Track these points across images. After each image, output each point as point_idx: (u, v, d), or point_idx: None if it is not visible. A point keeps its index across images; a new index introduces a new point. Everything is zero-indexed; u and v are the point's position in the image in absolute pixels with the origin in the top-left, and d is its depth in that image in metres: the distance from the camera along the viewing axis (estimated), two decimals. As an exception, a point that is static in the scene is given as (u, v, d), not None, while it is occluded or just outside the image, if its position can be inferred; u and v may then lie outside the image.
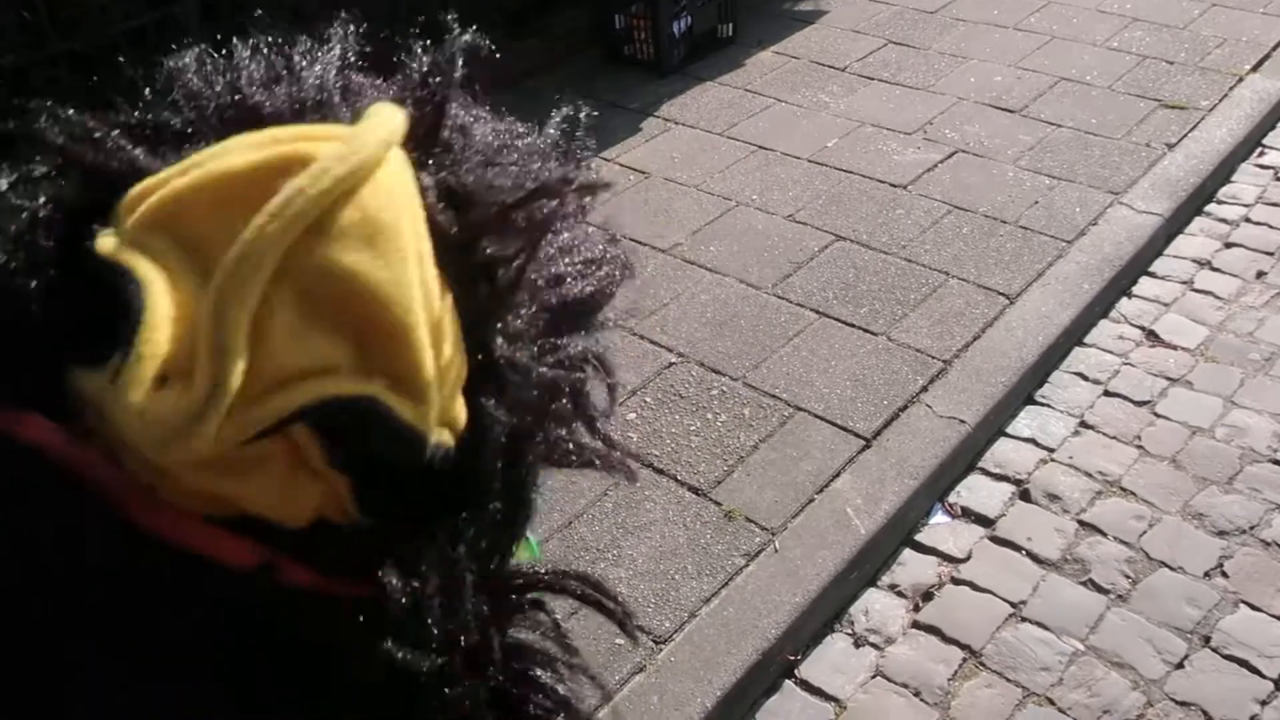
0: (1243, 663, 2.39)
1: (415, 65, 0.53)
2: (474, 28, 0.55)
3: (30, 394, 0.43)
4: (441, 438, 0.45)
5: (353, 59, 0.53)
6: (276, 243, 0.40)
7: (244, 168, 0.42)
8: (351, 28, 0.55)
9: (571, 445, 0.54)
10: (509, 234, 0.49)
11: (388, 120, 0.45)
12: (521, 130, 0.56)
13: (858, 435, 2.92)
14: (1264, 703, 2.31)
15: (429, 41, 0.54)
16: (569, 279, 0.53)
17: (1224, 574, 2.58)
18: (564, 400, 0.53)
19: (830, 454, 2.87)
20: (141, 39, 3.90)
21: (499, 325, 0.48)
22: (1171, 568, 2.61)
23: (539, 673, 0.55)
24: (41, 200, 0.47)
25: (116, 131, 0.47)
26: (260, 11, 4.12)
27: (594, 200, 0.56)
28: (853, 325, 3.32)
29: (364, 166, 0.43)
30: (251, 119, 0.48)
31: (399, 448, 0.43)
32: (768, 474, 2.83)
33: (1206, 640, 2.45)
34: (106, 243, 0.42)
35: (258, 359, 0.40)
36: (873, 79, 4.75)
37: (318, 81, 0.50)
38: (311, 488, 0.44)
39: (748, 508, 2.74)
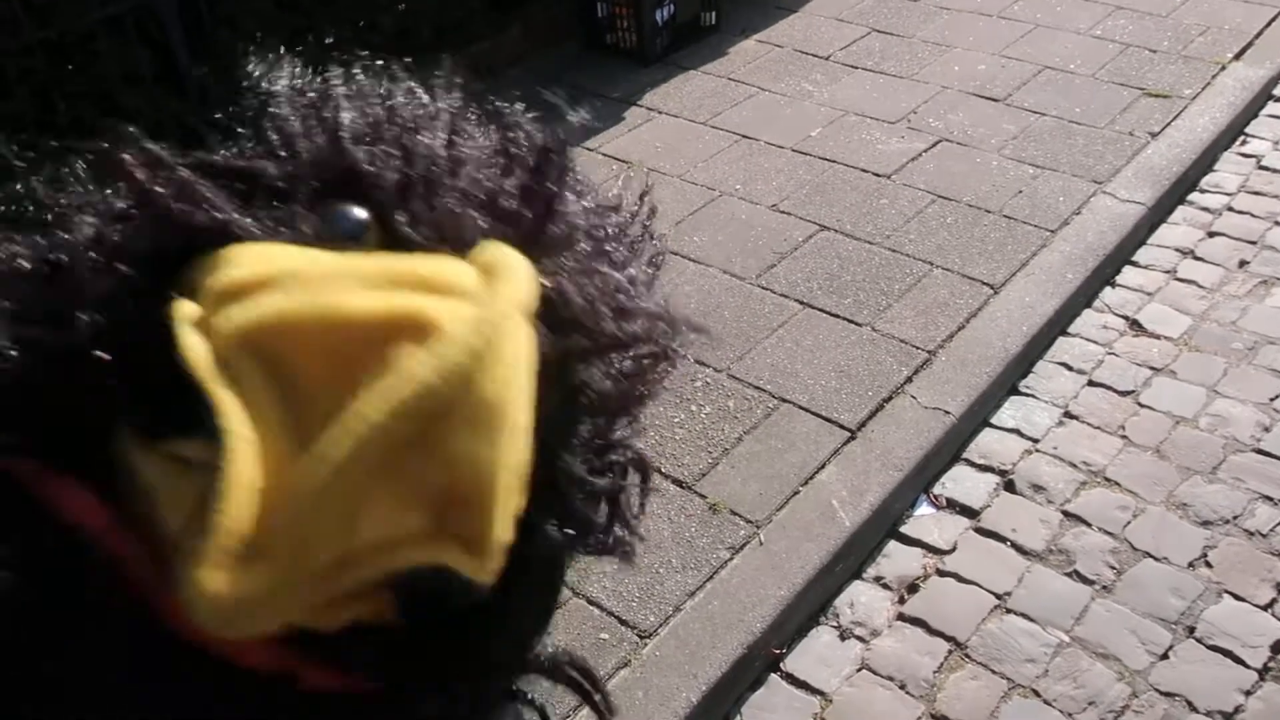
0: (1227, 653, 2.39)
1: (526, 146, 0.49)
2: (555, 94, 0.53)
3: (74, 455, 0.41)
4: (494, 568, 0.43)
5: (460, 125, 0.49)
6: (391, 437, 0.37)
7: (360, 316, 0.39)
8: (456, 79, 0.51)
9: (605, 543, 0.52)
10: (602, 365, 0.47)
11: (519, 285, 0.42)
12: (608, 211, 0.52)
13: (842, 427, 2.91)
14: (1248, 693, 2.32)
15: (527, 108, 0.51)
16: (633, 379, 0.49)
17: (1208, 564, 2.59)
18: (611, 504, 0.51)
19: (815, 446, 2.86)
20: (119, 27, 3.85)
21: (571, 441, 0.46)
22: (1156, 558, 2.61)
23: None
24: (127, 253, 0.43)
25: (206, 180, 0.44)
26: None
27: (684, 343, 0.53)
28: (837, 316, 3.30)
29: (490, 349, 0.39)
30: (350, 182, 0.44)
31: (455, 596, 0.42)
32: (752, 466, 2.82)
33: (1191, 630, 2.45)
34: (197, 353, 0.39)
35: (347, 534, 0.38)
36: (856, 68, 4.73)
37: (426, 153, 0.46)
38: (357, 606, 0.42)
39: (732, 500, 2.73)
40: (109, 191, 0.46)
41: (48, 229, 0.45)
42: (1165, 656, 2.40)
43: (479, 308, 0.40)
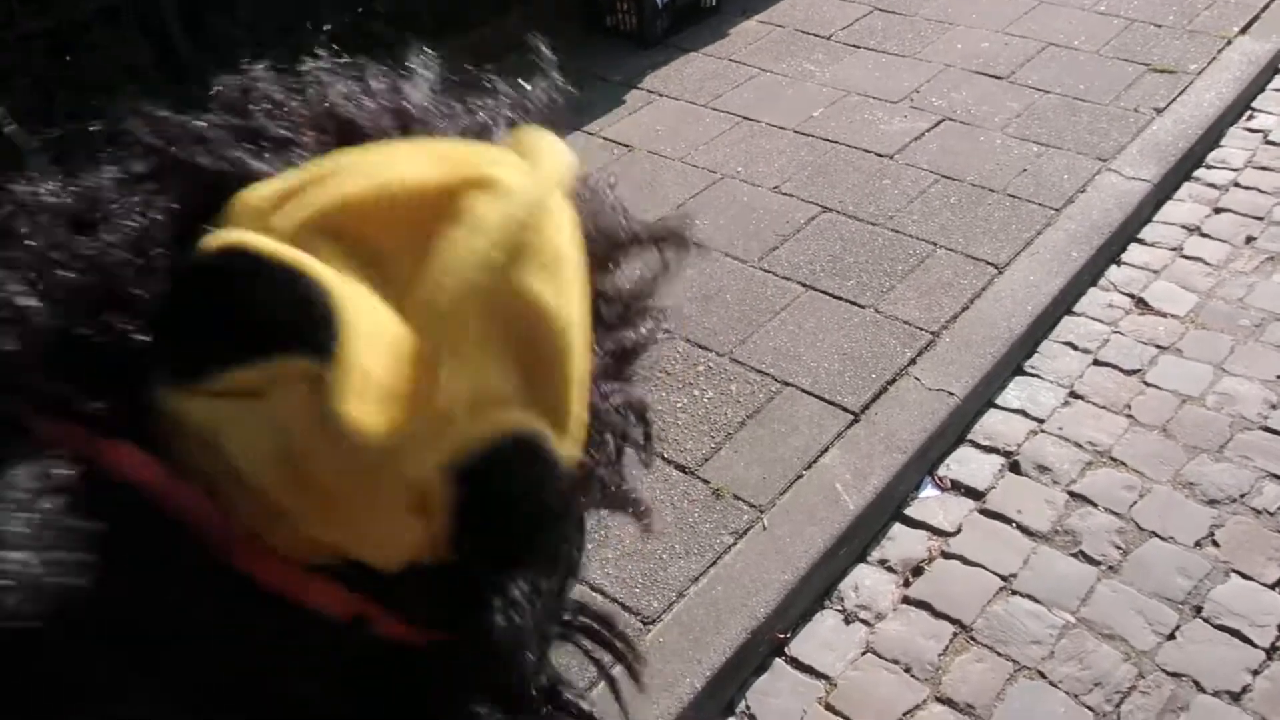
0: (1234, 632, 2.38)
1: (506, 95, 0.52)
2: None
3: (117, 418, 0.39)
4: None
5: (441, 85, 0.52)
6: (491, 264, 0.39)
7: (427, 183, 0.41)
8: (432, 57, 0.53)
9: (617, 489, 0.53)
10: (613, 273, 0.50)
11: (561, 151, 0.45)
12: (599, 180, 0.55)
13: (846, 409, 2.90)
14: (1256, 672, 2.30)
15: (516, 77, 0.54)
16: (631, 324, 0.52)
17: (1215, 543, 2.57)
18: (620, 444, 0.52)
19: (818, 429, 2.85)
20: (115, 18, 3.83)
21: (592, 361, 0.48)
22: (1162, 538, 2.59)
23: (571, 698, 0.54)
24: (152, 201, 0.43)
25: (220, 131, 0.45)
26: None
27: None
28: (840, 298, 3.28)
29: (550, 195, 0.42)
30: (350, 133, 0.46)
31: (546, 483, 0.42)
32: (755, 450, 2.80)
33: (1198, 610, 2.43)
34: (263, 241, 0.39)
35: (462, 384, 0.39)
36: (858, 47, 4.69)
37: (416, 99, 0.49)
38: (416, 529, 0.41)
39: (735, 485, 2.71)
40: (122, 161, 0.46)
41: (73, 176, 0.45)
42: (1172, 637, 2.39)
43: (535, 168, 0.43)
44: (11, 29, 3.57)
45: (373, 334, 0.38)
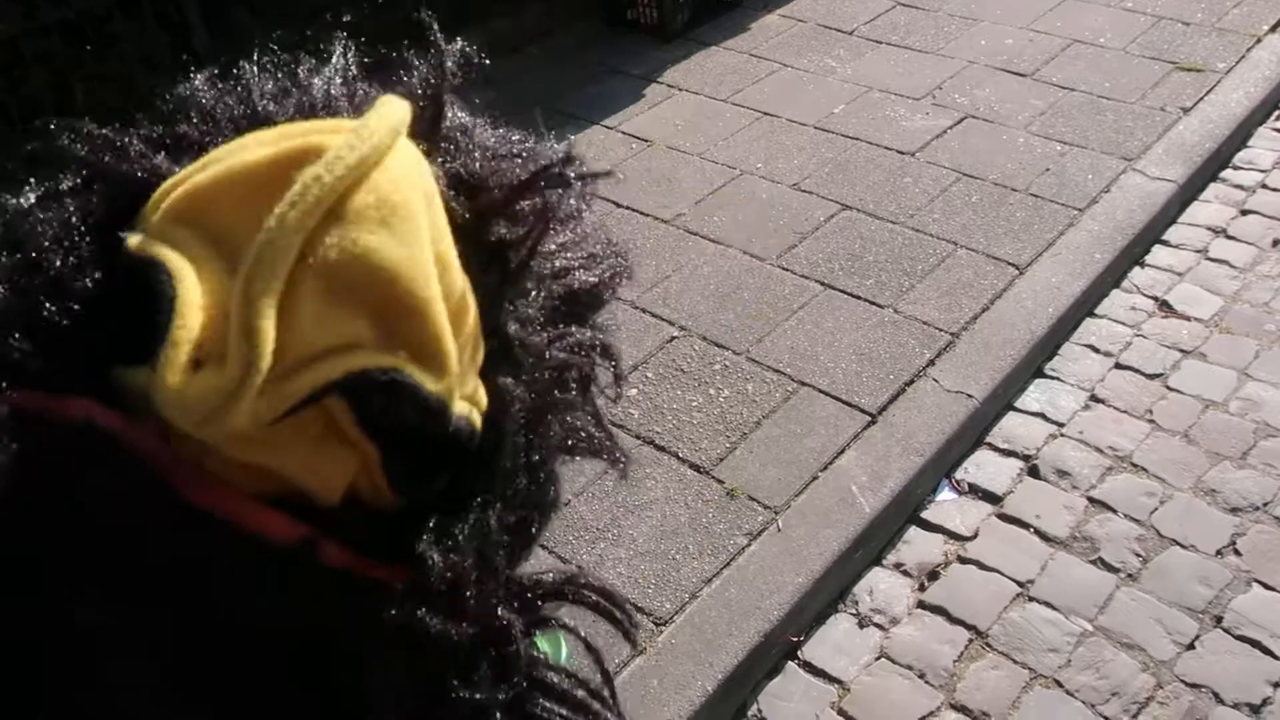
0: (1255, 643, 2.34)
1: (414, 71, 0.55)
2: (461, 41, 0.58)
3: (79, 391, 0.44)
4: (465, 411, 0.48)
5: (355, 71, 0.56)
6: (298, 228, 0.42)
7: (261, 160, 0.45)
8: (350, 44, 0.57)
9: (582, 432, 0.56)
10: (518, 219, 0.52)
11: (395, 110, 0.48)
12: (517, 134, 0.58)
13: (863, 411, 2.87)
14: (1276, 684, 2.26)
15: (425, 52, 0.57)
16: (575, 270, 0.55)
17: (1236, 552, 2.53)
18: (574, 385, 0.55)
19: (835, 430, 2.82)
20: (135, 9, 3.83)
21: (511, 308, 0.51)
22: (1183, 546, 2.56)
23: (554, 679, 0.56)
24: (72, 208, 0.48)
25: (138, 142, 0.50)
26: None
27: (593, 191, 0.59)
28: (858, 297, 3.25)
29: (375, 152, 0.45)
30: (265, 128, 0.50)
31: (424, 416, 0.45)
32: (771, 451, 2.78)
33: (1218, 620, 2.40)
34: (134, 239, 0.45)
35: (286, 339, 0.42)
36: (881, 42, 4.65)
37: (325, 89, 0.53)
38: (345, 455, 0.45)
39: (750, 486, 2.69)
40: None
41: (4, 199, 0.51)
42: (1191, 647, 2.35)
43: (359, 130, 0.46)
44: (33, 20, 3.58)
45: (198, 305, 0.42)
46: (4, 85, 3.56)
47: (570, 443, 0.56)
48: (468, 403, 0.48)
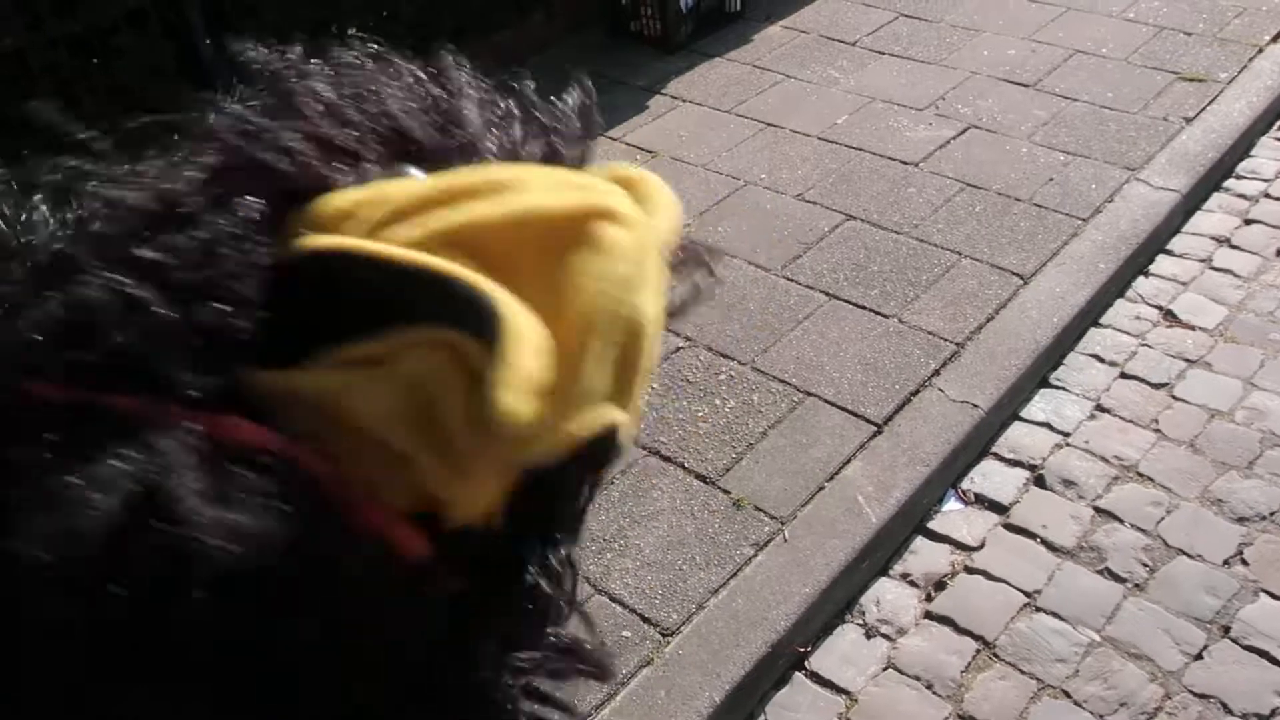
0: (1263, 654, 2.34)
1: (562, 114, 0.56)
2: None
3: (223, 398, 0.43)
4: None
5: (487, 97, 0.55)
6: (627, 285, 0.45)
7: (553, 210, 0.46)
8: (465, 63, 0.57)
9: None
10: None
11: (672, 204, 0.52)
12: None
13: (868, 421, 2.87)
14: (1285, 694, 2.26)
15: (539, 84, 0.57)
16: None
17: (1244, 562, 2.53)
18: None
19: (841, 440, 2.82)
20: (142, 21, 3.85)
21: None
22: (1190, 555, 2.56)
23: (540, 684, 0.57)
24: (247, 201, 0.45)
25: (297, 137, 0.47)
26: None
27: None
28: (863, 307, 3.26)
29: (657, 238, 0.49)
30: (409, 146, 0.49)
31: (612, 463, 0.49)
32: (777, 461, 2.78)
33: (1226, 630, 2.39)
34: (385, 248, 0.43)
35: (592, 389, 0.45)
36: (883, 53, 4.66)
37: (471, 117, 0.52)
38: (495, 492, 0.46)
39: (757, 496, 2.69)
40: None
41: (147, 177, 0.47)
42: (1199, 657, 2.35)
43: (648, 207, 0.50)
44: (40, 32, 3.59)
45: (528, 335, 0.42)
46: (10, 98, 3.58)
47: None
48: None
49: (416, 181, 0.47)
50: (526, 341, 0.42)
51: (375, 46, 0.55)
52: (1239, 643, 2.37)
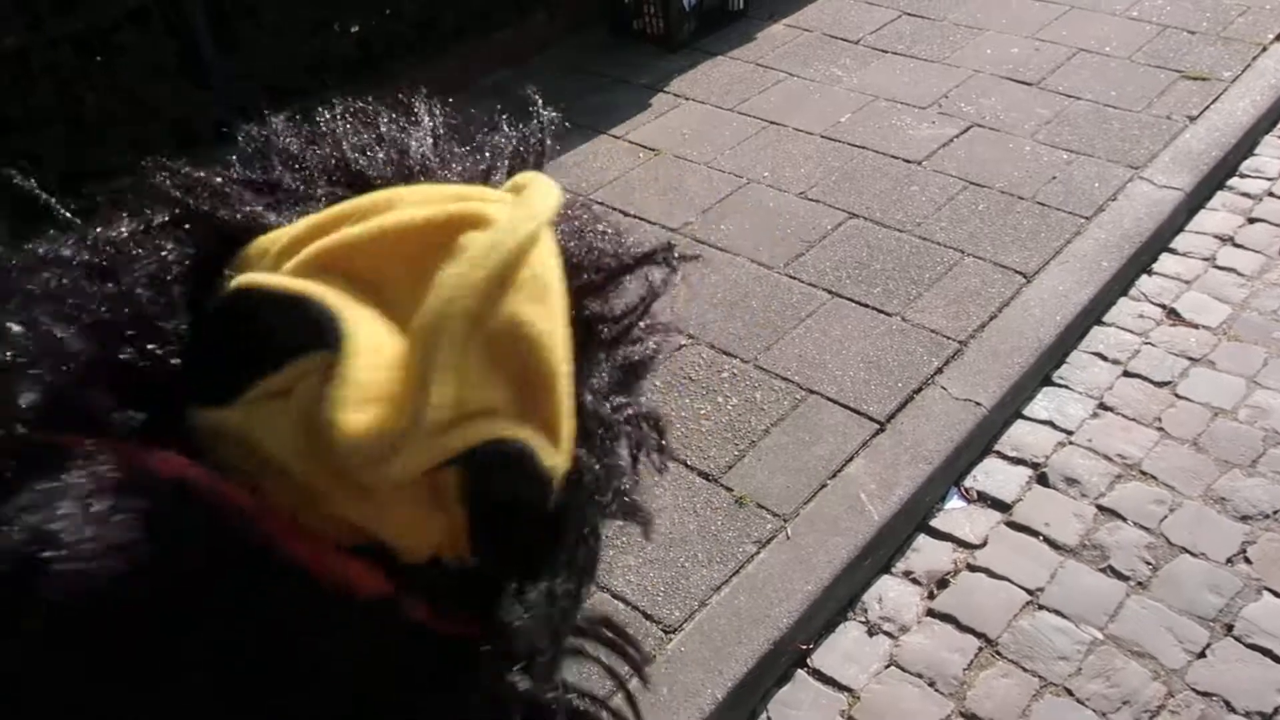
0: (1266, 652, 2.34)
1: (506, 140, 0.57)
2: (547, 108, 0.60)
3: (157, 434, 0.44)
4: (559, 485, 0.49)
5: (443, 131, 0.56)
6: (482, 292, 0.43)
7: (422, 221, 0.45)
8: (435, 102, 0.58)
9: (625, 498, 0.56)
10: (608, 297, 0.53)
11: (550, 190, 0.49)
12: (595, 210, 0.59)
13: (871, 418, 2.87)
14: (1288, 693, 2.26)
15: (509, 116, 0.59)
16: (639, 341, 0.56)
17: (1247, 560, 2.52)
18: (631, 455, 0.56)
19: (843, 438, 2.82)
20: (144, 19, 3.85)
21: (591, 380, 0.52)
22: (1193, 554, 2.55)
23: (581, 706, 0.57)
24: (170, 247, 0.48)
25: (239, 188, 0.50)
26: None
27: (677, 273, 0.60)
28: (866, 305, 3.25)
29: (539, 230, 0.46)
30: (360, 183, 0.51)
31: (533, 490, 0.46)
32: (779, 459, 2.78)
33: (1229, 628, 2.39)
34: (269, 278, 0.44)
35: (450, 396, 0.42)
36: (886, 52, 4.66)
37: (421, 150, 0.54)
38: (439, 522, 0.45)
39: (759, 493, 2.69)
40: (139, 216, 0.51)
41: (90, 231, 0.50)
42: (1202, 655, 2.35)
43: (525, 205, 0.47)
44: (41, 32, 3.59)
45: (370, 347, 0.42)
46: (11, 98, 3.57)
47: (618, 509, 0.56)
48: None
49: (316, 216, 0.47)
50: (365, 354, 0.42)
51: (359, 103, 0.57)
52: (1242, 641, 2.36)
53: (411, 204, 0.47)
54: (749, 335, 3.19)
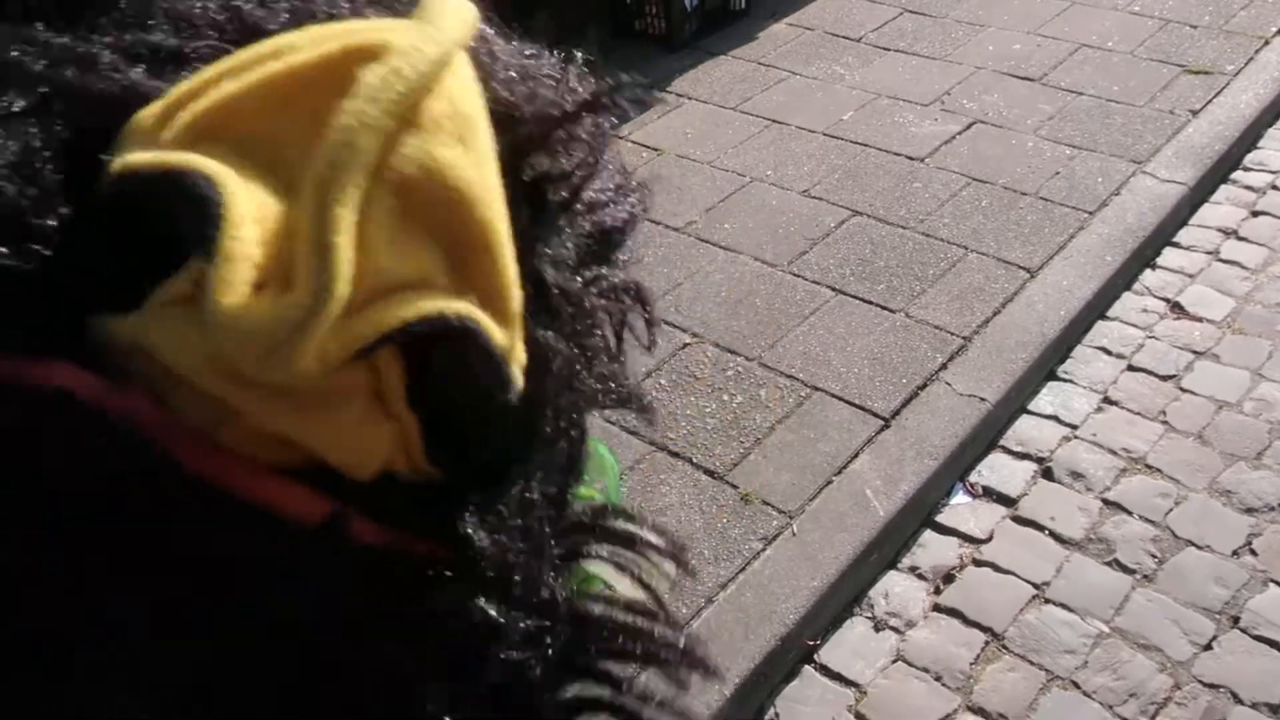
0: (1272, 643, 2.34)
1: None
2: None
3: (49, 348, 0.37)
4: (518, 372, 0.41)
5: None
6: (378, 129, 0.36)
7: (309, 62, 0.37)
8: None
9: (612, 382, 0.49)
10: (555, 149, 0.45)
11: (463, 6, 0.40)
12: (546, 53, 0.50)
13: (876, 415, 2.88)
14: (1295, 684, 2.26)
15: None
16: (606, 205, 0.49)
17: (1253, 552, 2.53)
18: (611, 334, 0.49)
19: (848, 434, 2.83)
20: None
21: (546, 250, 0.44)
22: (1199, 546, 2.56)
23: (597, 611, 0.49)
24: (32, 132, 0.39)
25: (109, 53, 0.41)
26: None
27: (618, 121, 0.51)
28: (870, 302, 3.26)
29: (449, 53, 0.38)
30: (256, 37, 0.41)
31: (488, 376, 0.39)
32: (785, 456, 2.79)
33: (1235, 621, 2.39)
34: (141, 156, 0.36)
35: (360, 264, 0.35)
36: (888, 49, 4.66)
37: (320, 3, 0.44)
38: (385, 430, 0.39)
39: (765, 490, 2.70)
40: None
41: None
42: (1209, 647, 2.35)
43: (427, 27, 0.39)
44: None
45: (257, 216, 0.35)
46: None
47: (601, 396, 0.49)
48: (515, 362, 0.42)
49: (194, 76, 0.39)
50: (249, 223, 0.35)
51: None
52: (1248, 633, 2.37)
53: (301, 48, 0.39)
54: (753, 333, 3.19)
